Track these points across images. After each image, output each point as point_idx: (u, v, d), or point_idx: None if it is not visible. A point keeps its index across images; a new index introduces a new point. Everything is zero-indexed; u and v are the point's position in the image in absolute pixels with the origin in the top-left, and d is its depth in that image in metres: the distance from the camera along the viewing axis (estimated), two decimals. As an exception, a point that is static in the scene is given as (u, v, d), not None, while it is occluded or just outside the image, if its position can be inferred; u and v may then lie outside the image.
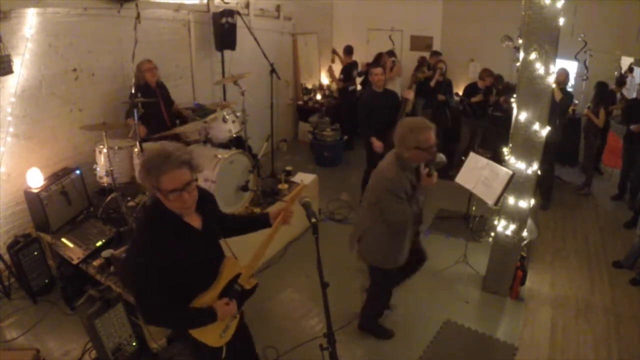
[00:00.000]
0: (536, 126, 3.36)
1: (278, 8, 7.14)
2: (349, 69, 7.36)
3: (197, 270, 1.93)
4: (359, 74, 7.46)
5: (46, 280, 3.79)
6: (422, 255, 3.36)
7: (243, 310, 2.26)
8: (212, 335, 2.01)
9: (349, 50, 7.39)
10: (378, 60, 6.75)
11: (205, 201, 2.02)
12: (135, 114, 3.67)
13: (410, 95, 4.53)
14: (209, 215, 2.04)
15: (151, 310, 1.87)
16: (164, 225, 1.84)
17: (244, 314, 2.31)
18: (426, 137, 2.58)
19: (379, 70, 4.87)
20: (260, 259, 2.11)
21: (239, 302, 2.06)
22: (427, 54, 7.56)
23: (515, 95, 3.47)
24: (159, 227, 1.84)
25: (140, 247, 1.85)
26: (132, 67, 4.28)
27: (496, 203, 3.56)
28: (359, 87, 7.60)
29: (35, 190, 3.60)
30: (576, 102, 6.48)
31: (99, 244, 3.48)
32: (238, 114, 4.42)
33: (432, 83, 6.48)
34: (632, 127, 5.34)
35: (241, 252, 2.35)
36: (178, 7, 5.26)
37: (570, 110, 6.11)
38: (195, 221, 1.96)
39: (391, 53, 7.15)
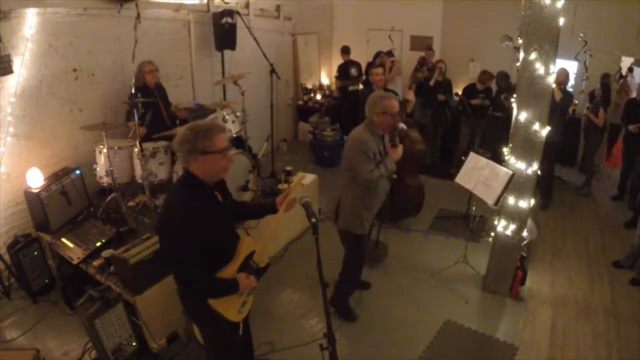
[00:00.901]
0: (536, 126, 3.36)
1: (278, 8, 7.14)
2: (344, 67, 7.37)
3: (222, 241, 2.12)
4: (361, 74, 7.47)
5: (46, 280, 3.79)
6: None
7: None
8: (233, 310, 2.17)
9: (345, 50, 7.44)
10: (377, 59, 6.77)
11: (222, 182, 2.23)
12: (135, 114, 3.67)
13: (411, 95, 4.52)
14: (226, 195, 2.25)
15: (191, 274, 2.01)
16: (197, 191, 2.03)
17: None
18: (392, 104, 3.05)
19: (379, 70, 4.88)
20: (269, 241, 2.32)
21: (255, 278, 2.23)
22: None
23: (515, 95, 3.47)
24: (195, 193, 2.02)
25: (178, 211, 1.98)
26: (132, 67, 4.27)
27: (496, 203, 3.56)
28: (360, 87, 7.60)
29: (35, 190, 3.59)
30: (576, 102, 6.48)
31: (99, 244, 3.47)
32: (238, 114, 4.42)
33: (432, 82, 6.47)
34: (630, 127, 5.35)
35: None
36: (178, 7, 5.26)
37: (570, 110, 6.11)
38: (218, 195, 2.17)
39: (390, 53, 7.15)
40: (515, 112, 3.46)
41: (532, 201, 3.67)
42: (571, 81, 6.20)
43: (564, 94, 5.34)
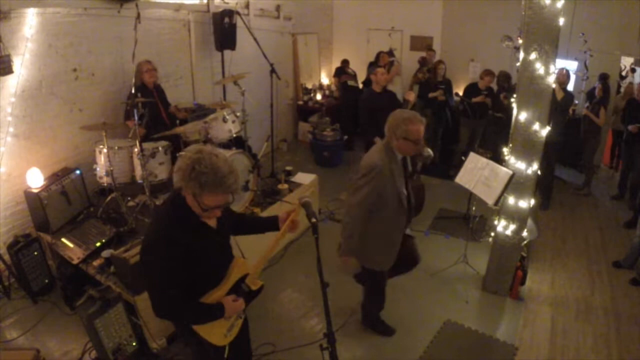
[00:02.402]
0: (536, 126, 3.36)
1: (278, 8, 7.14)
2: (341, 67, 7.71)
3: (210, 267, 1.98)
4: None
5: (46, 280, 3.79)
6: (414, 257, 3.31)
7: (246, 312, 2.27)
8: (218, 334, 2.04)
9: (343, 62, 7.87)
10: (379, 58, 6.83)
11: None
12: (135, 114, 3.67)
13: (412, 96, 4.55)
14: (224, 214, 2.08)
15: (165, 303, 1.89)
16: (185, 222, 1.89)
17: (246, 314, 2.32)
18: (416, 129, 2.63)
19: (382, 69, 4.97)
20: (265, 261, 2.15)
21: (245, 301, 2.09)
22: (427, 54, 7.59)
23: (515, 95, 3.47)
24: (180, 223, 1.88)
25: (160, 239, 1.86)
26: (132, 67, 4.27)
27: (496, 203, 3.56)
28: (360, 86, 7.65)
29: (35, 190, 3.59)
30: (576, 102, 6.48)
31: (98, 244, 3.47)
32: (238, 114, 4.42)
33: (431, 95, 6.50)
34: (630, 127, 5.35)
35: (247, 252, 2.39)
36: (178, 7, 5.26)
37: (570, 110, 6.10)
38: (212, 220, 2.02)
39: (391, 53, 7.16)
40: (515, 112, 3.46)
41: (532, 201, 3.67)
42: (571, 81, 6.19)
43: (565, 94, 5.34)
